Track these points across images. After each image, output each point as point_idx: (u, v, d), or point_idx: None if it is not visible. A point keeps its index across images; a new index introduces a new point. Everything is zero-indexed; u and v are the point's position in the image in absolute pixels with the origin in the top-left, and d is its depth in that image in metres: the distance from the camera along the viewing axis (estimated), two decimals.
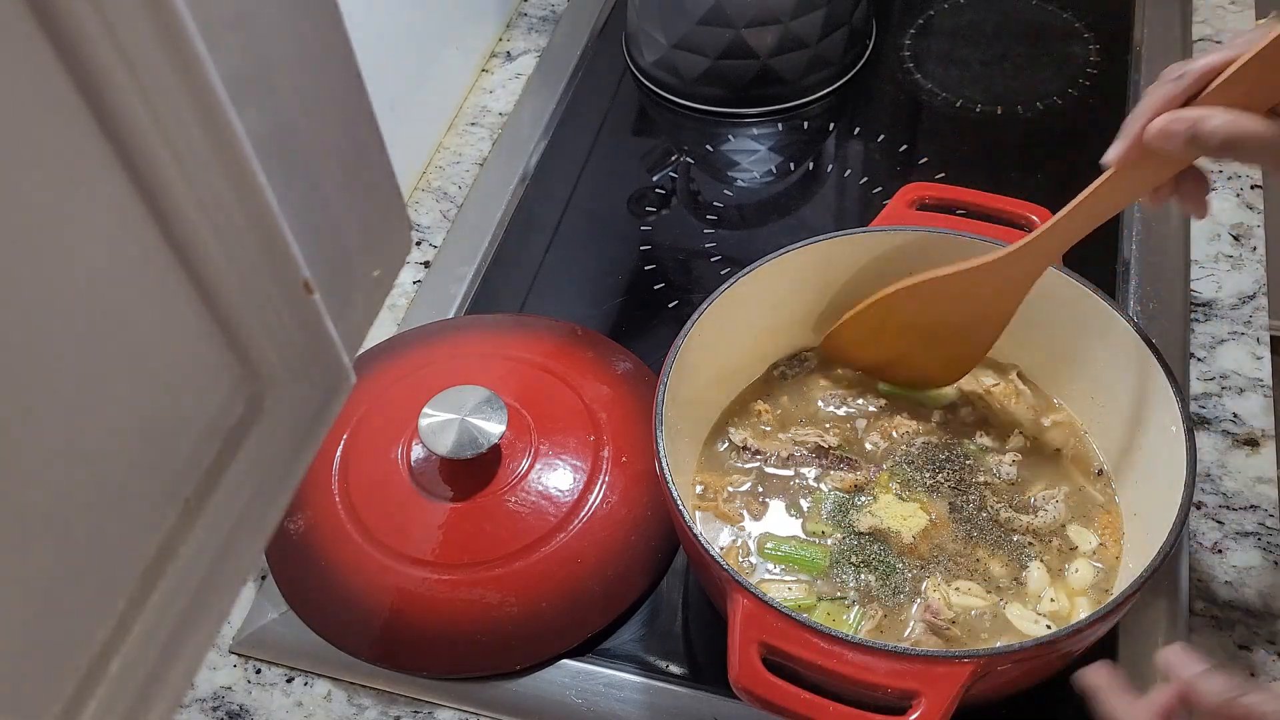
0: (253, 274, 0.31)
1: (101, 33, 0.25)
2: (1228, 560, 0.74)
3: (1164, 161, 0.58)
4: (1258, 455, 0.78)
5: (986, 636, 0.66)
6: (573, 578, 0.72)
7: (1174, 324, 0.85)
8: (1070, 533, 0.70)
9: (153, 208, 0.28)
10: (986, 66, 1.08)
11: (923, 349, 0.74)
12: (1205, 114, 0.55)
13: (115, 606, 0.29)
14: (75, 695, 0.28)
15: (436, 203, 1.00)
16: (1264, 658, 0.69)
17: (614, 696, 0.70)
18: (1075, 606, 0.68)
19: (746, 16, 1.00)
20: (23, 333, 0.25)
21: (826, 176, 1.01)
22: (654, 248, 0.95)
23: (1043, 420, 0.76)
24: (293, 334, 0.33)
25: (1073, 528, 0.71)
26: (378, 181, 0.38)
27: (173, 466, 0.31)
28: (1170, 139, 0.55)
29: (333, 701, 0.71)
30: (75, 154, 0.25)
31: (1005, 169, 0.99)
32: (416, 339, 0.87)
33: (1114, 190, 0.61)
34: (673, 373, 0.68)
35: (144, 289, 0.28)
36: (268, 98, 0.31)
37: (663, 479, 0.63)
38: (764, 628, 0.57)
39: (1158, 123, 0.56)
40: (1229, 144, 0.54)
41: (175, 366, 0.30)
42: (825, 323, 0.78)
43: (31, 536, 0.26)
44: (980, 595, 0.68)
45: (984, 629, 0.67)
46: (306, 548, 0.75)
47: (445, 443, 0.73)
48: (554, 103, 1.08)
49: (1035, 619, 0.67)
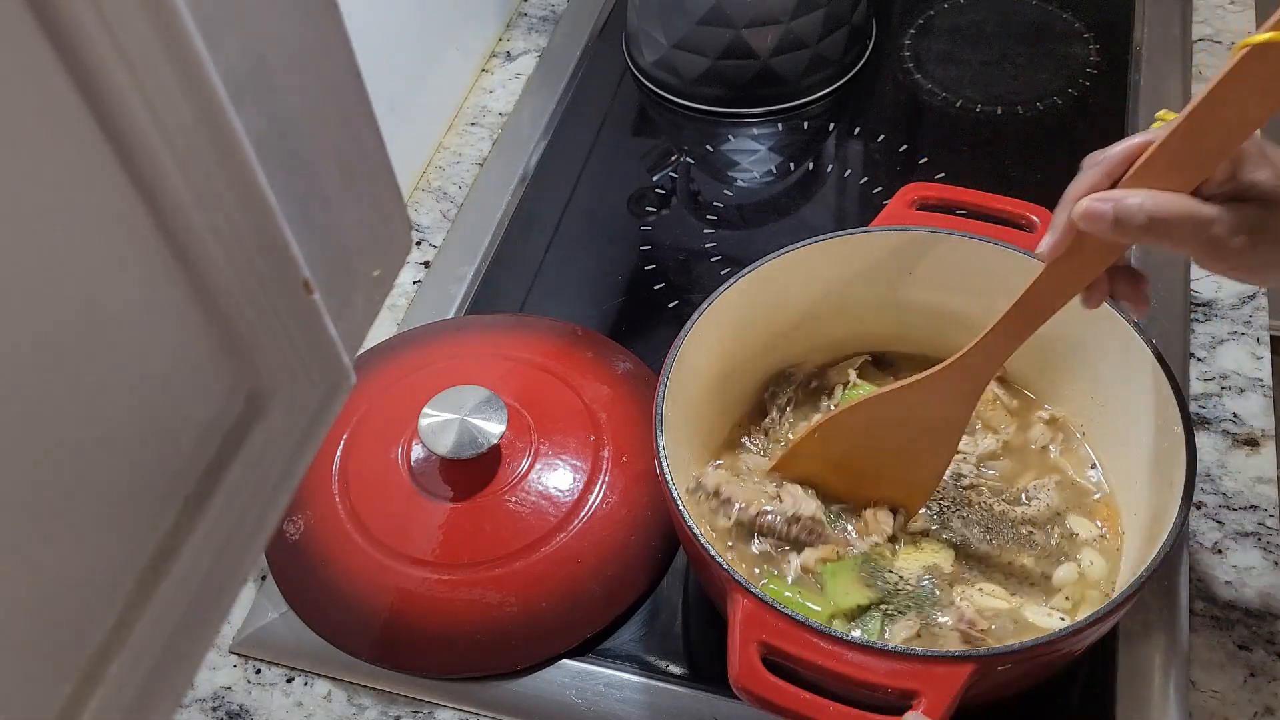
0: (253, 274, 0.31)
1: (101, 33, 0.25)
2: (1228, 560, 0.74)
3: (1097, 250, 0.57)
4: (1258, 455, 0.78)
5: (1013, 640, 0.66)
6: (573, 578, 0.72)
7: (1174, 324, 0.85)
8: (1070, 522, 0.71)
9: (153, 208, 0.28)
10: (986, 66, 1.08)
11: (874, 473, 0.70)
12: (1127, 193, 0.54)
13: (115, 606, 0.29)
14: (75, 695, 0.28)
15: (436, 203, 1.00)
16: (1264, 657, 0.69)
17: (614, 696, 0.70)
18: (1087, 599, 0.68)
19: (746, 16, 1.00)
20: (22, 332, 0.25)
21: (826, 176, 1.01)
22: (654, 248, 0.95)
23: (1035, 415, 0.77)
24: (293, 334, 0.33)
25: (1071, 517, 0.71)
26: (378, 181, 0.38)
27: (173, 466, 0.31)
28: (1096, 220, 0.54)
29: (333, 701, 0.71)
30: (75, 154, 0.25)
31: (1005, 169, 0.99)
32: (416, 339, 0.87)
33: (1050, 286, 0.59)
34: (673, 373, 0.68)
35: (143, 288, 0.28)
36: (268, 98, 0.30)
37: (663, 479, 0.63)
38: (764, 628, 0.57)
39: (1083, 204, 0.55)
40: (1153, 222, 0.53)
41: (175, 366, 0.30)
42: (826, 324, 0.78)
43: (31, 536, 0.26)
44: (1004, 597, 0.68)
45: (1008, 633, 0.66)
46: (306, 548, 0.75)
47: (445, 443, 0.73)
48: (554, 103, 1.08)
49: (1048, 613, 0.67)
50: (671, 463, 0.64)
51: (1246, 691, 0.68)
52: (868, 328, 0.80)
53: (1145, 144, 0.54)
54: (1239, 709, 0.68)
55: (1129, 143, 0.55)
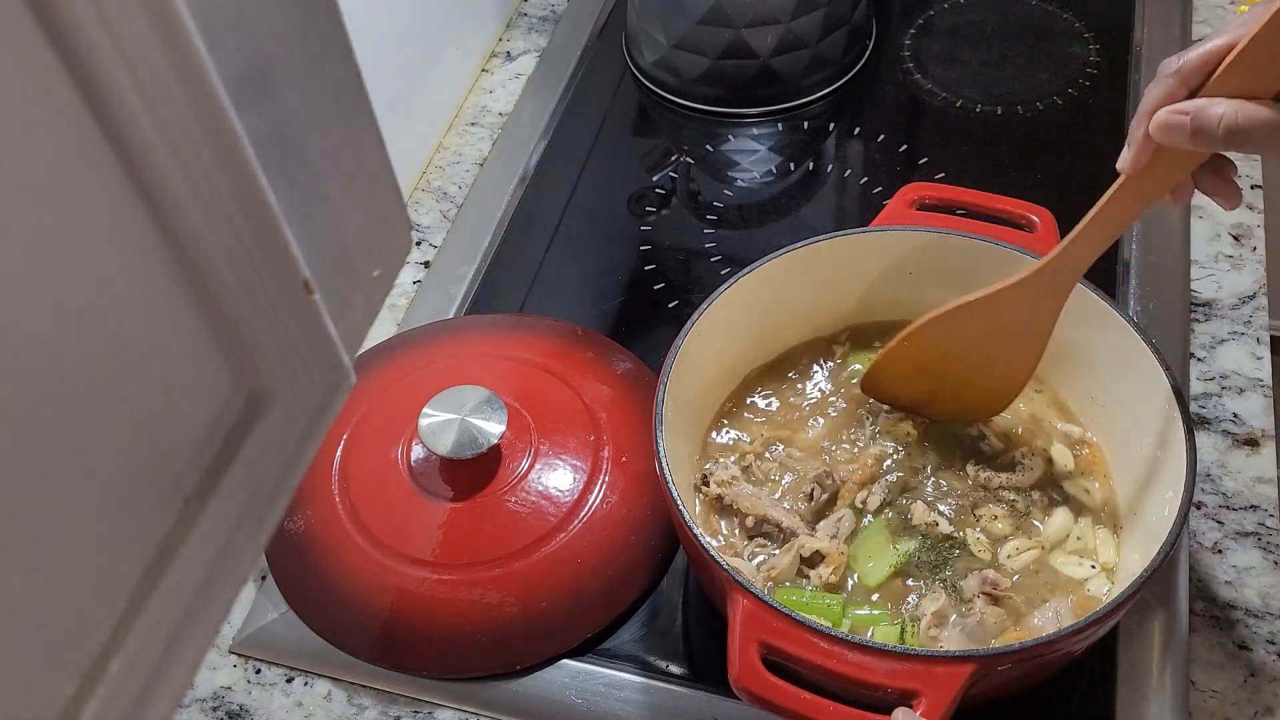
0: (253, 274, 0.31)
1: (101, 33, 0.25)
2: (1228, 560, 0.74)
3: (1177, 159, 0.56)
4: (1258, 455, 0.78)
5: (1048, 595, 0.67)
6: (573, 578, 0.72)
7: (1174, 324, 0.85)
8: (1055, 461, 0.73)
9: (153, 208, 0.28)
10: (986, 66, 1.08)
11: (962, 380, 0.72)
12: (1206, 104, 0.53)
13: (115, 606, 0.29)
14: (75, 695, 0.28)
15: (436, 203, 1.00)
16: (1264, 657, 0.69)
17: (614, 696, 0.70)
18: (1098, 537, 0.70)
19: (746, 16, 1.00)
20: (22, 332, 0.25)
21: (826, 176, 1.01)
22: (654, 248, 0.95)
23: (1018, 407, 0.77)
24: (293, 334, 0.33)
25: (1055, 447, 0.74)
26: (378, 181, 0.38)
27: (173, 466, 0.31)
28: (1174, 132, 0.54)
29: (333, 701, 0.71)
30: (75, 154, 0.25)
31: (1005, 169, 0.99)
32: (416, 339, 0.87)
33: (1132, 195, 0.59)
34: (673, 373, 0.68)
35: (143, 289, 0.28)
36: (268, 98, 0.31)
37: (663, 479, 0.63)
38: (764, 628, 0.57)
39: (1159, 116, 0.54)
40: (1234, 133, 0.52)
41: (175, 366, 0.30)
42: (825, 324, 0.78)
43: (31, 537, 0.26)
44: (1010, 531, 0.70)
45: (1040, 589, 0.68)
46: (306, 548, 0.75)
47: (445, 443, 0.73)
48: (554, 103, 1.08)
49: (1079, 561, 0.69)
50: (671, 463, 0.64)
51: (1246, 691, 0.68)
52: (868, 327, 0.80)
53: (1223, 48, 0.53)
54: (1239, 709, 0.68)
55: (1205, 47, 0.54)
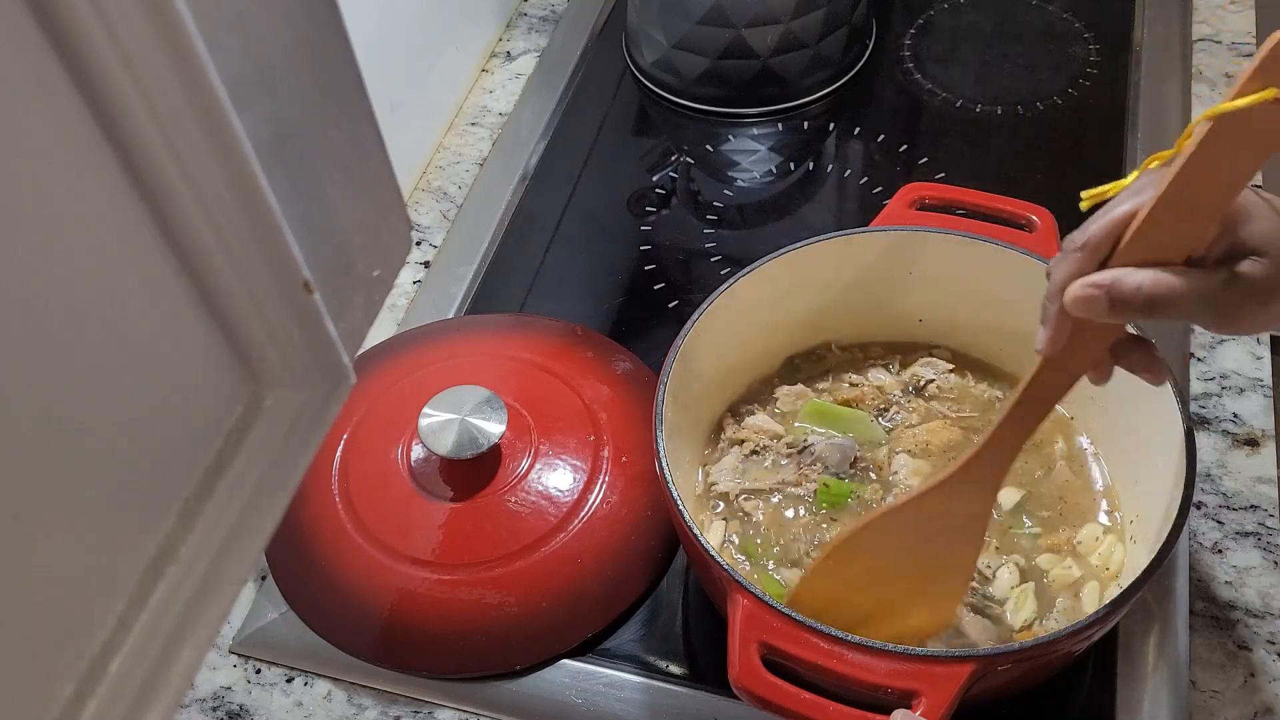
0: (253, 274, 0.31)
1: (101, 33, 0.25)
2: (1228, 560, 0.74)
3: (1096, 332, 0.54)
4: (1258, 455, 0.78)
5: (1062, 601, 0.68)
6: (573, 578, 0.72)
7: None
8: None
9: (153, 208, 0.28)
10: (986, 66, 1.08)
11: (896, 594, 0.65)
12: (1122, 274, 0.50)
13: (115, 606, 0.29)
14: (75, 695, 0.28)
15: (436, 203, 1.00)
16: (1264, 657, 0.69)
17: (614, 696, 0.70)
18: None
19: (746, 16, 1.00)
20: (22, 332, 0.25)
21: (826, 176, 1.01)
22: (654, 248, 0.95)
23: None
24: (293, 334, 0.33)
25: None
26: (378, 181, 0.38)
27: (173, 466, 0.31)
28: (1091, 305, 0.51)
29: (333, 701, 0.71)
30: (75, 154, 0.25)
31: (1005, 169, 0.99)
32: (416, 339, 0.87)
33: (1053, 375, 0.56)
34: (673, 373, 0.68)
35: (144, 289, 0.28)
36: (268, 98, 0.31)
37: (663, 479, 0.63)
38: (764, 628, 0.57)
39: (1073, 290, 0.51)
40: (1153, 303, 0.49)
41: (175, 366, 0.30)
42: (825, 324, 0.78)
43: (31, 536, 0.26)
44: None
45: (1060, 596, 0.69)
46: (306, 548, 0.75)
47: (445, 443, 0.73)
48: (554, 103, 1.08)
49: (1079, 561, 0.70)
50: (671, 463, 0.64)
51: (1246, 691, 0.68)
52: (868, 327, 0.80)
53: (1126, 216, 0.51)
54: (1239, 709, 0.68)
55: (1108, 217, 0.51)
